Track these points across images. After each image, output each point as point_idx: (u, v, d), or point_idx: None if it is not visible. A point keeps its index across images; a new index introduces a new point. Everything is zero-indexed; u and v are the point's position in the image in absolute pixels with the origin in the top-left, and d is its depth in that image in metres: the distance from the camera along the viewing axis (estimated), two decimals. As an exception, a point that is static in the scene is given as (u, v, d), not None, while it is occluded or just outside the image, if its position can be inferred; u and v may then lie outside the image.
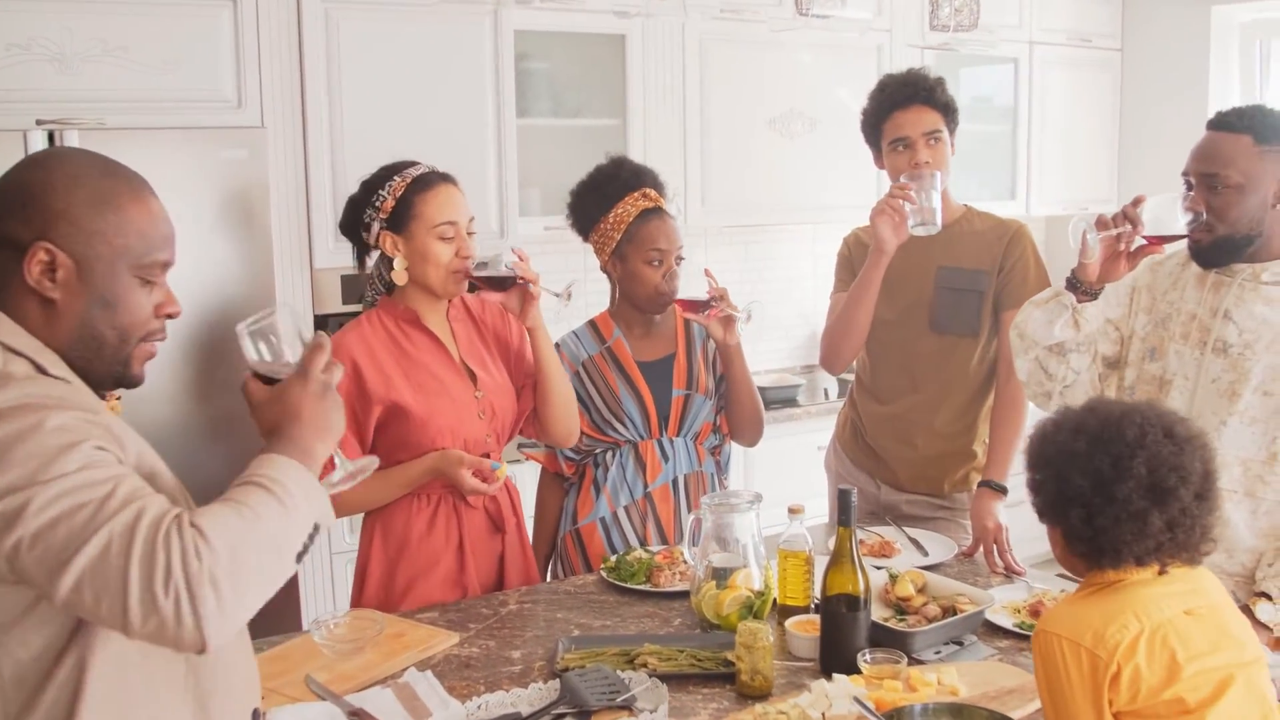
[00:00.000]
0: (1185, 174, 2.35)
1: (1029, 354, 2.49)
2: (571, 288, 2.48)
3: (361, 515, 2.57)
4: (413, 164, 2.49)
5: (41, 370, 1.42)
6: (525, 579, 2.62)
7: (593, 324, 2.86)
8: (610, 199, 2.76)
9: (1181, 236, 2.30)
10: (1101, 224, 2.28)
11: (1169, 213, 2.28)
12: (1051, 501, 1.61)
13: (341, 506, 2.46)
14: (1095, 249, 2.28)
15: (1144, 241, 2.29)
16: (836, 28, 4.74)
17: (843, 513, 2.07)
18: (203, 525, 1.30)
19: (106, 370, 1.51)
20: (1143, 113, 5.67)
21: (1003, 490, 2.76)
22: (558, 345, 2.67)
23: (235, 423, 3.46)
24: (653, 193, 2.78)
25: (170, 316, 1.55)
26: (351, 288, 3.74)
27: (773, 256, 5.32)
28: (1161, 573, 1.58)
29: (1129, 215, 2.27)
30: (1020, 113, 5.45)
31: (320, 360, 1.55)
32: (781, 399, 4.73)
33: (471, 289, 2.51)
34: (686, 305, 2.69)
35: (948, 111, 2.87)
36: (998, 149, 5.43)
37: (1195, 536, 1.58)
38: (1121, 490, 1.54)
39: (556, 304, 2.48)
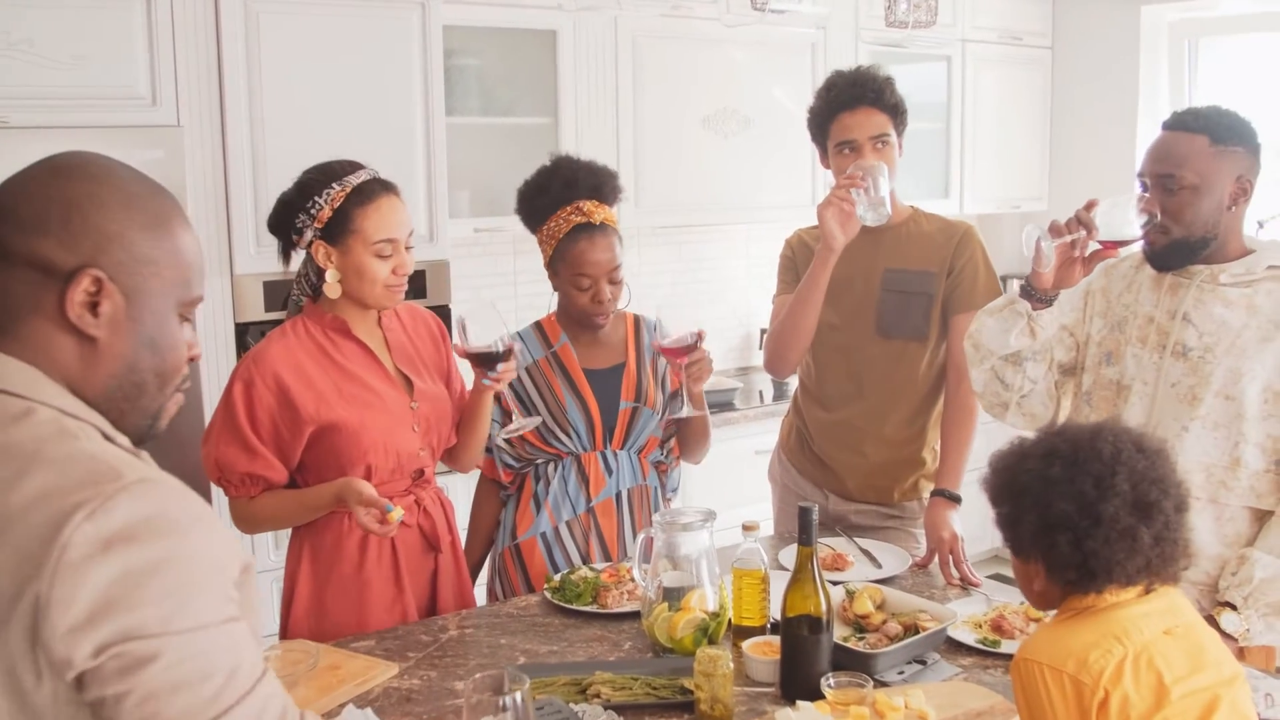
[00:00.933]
0: (1140, 175, 2.31)
1: (984, 364, 2.43)
2: (530, 423, 2.52)
3: (288, 531, 2.43)
4: (354, 168, 2.32)
5: (108, 439, 1.22)
6: (459, 598, 2.51)
7: (539, 326, 2.73)
8: (541, 214, 2.63)
9: (1137, 240, 2.25)
10: (1055, 230, 2.22)
11: (1123, 215, 2.23)
12: (1034, 532, 1.53)
13: (251, 523, 2.35)
14: (1050, 257, 2.22)
15: (1099, 246, 2.24)
16: (792, 22, 4.65)
17: (803, 531, 1.98)
18: None
19: (134, 424, 1.29)
20: (1073, 111, 5.70)
21: (956, 499, 2.69)
22: None
23: (162, 435, 3.30)
24: (587, 205, 2.61)
25: (192, 360, 1.34)
26: (274, 294, 3.58)
27: (706, 257, 5.23)
28: (1148, 591, 1.53)
29: (1082, 220, 2.21)
30: (953, 110, 5.44)
31: None
32: (717, 402, 4.62)
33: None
34: (667, 351, 2.52)
35: (896, 113, 2.77)
36: (930, 147, 5.41)
37: (1178, 551, 1.53)
38: (1108, 509, 1.49)
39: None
